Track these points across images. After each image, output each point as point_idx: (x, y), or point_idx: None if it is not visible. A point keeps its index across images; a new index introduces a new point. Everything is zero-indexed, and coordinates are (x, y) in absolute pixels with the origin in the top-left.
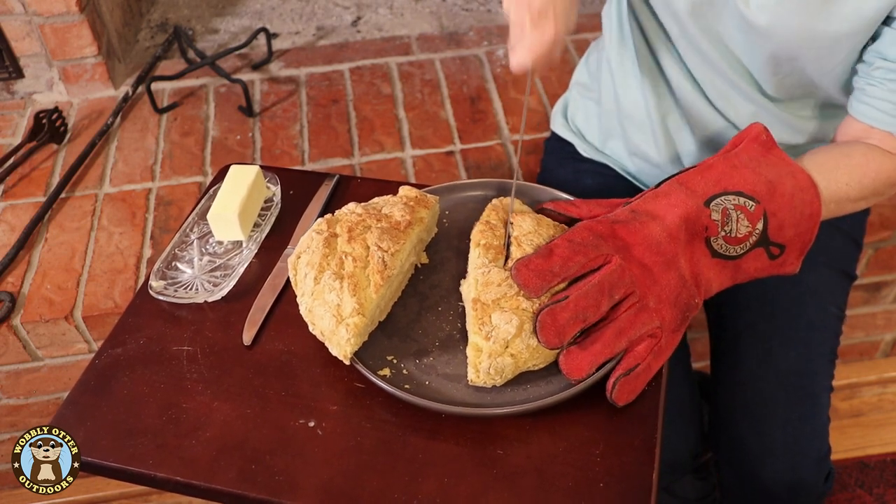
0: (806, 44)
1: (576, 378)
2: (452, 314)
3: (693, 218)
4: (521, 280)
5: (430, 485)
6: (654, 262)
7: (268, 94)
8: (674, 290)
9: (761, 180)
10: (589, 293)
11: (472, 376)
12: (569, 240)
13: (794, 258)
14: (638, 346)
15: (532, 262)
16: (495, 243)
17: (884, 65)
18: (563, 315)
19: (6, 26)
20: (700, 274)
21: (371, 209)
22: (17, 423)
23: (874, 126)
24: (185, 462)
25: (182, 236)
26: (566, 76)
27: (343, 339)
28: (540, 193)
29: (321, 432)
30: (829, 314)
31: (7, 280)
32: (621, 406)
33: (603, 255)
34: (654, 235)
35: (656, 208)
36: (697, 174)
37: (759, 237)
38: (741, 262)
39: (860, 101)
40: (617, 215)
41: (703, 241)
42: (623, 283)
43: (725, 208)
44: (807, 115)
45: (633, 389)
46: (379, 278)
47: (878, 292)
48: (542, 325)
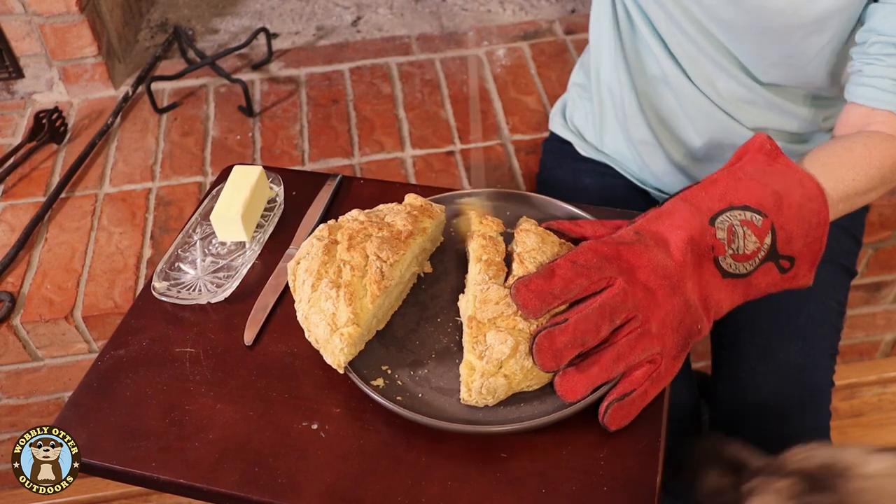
0: (794, 21)
1: (570, 400)
2: (451, 326)
3: (698, 239)
4: (521, 300)
5: (433, 489)
6: (659, 285)
7: (268, 94)
8: (677, 316)
9: (768, 192)
10: (589, 317)
11: (464, 395)
12: (572, 261)
13: (805, 270)
14: (636, 371)
15: (533, 282)
16: (497, 259)
17: (879, 39)
18: (562, 339)
19: (6, 26)
20: (710, 296)
21: (374, 217)
22: (17, 423)
23: (875, 107)
24: (187, 464)
25: (185, 237)
26: (565, 76)
27: (337, 348)
28: (547, 206)
29: (324, 435)
30: (829, 309)
31: (7, 280)
32: (613, 431)
33: (606, 277)
34: (659, 259)
35: (661, 229)
36: (701, 190)
37: (768, 252)
38: (751, 279)
39: (858, 83)
40: (622, 236)
41: (712, 262)
42: (625, 307)
43: (731, 225)
44: (799, 101)
45: (627, 415)
46: (376, 288)
47: (878, 292)
48: (538, 348)
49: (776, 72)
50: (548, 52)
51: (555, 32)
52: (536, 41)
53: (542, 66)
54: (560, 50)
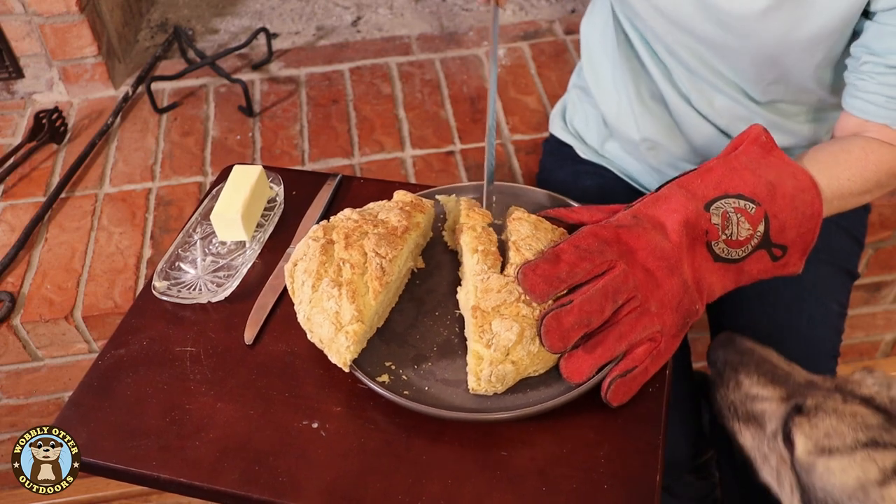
0: (786, 43)
1: (576, 381)
2: (450, 319)
3: (693, 222)
4: (528, 285)
5: (433, 487)
6: (658, 266)
7: (268, 94)
8: (676, 296)
9: (762, 182)
10: (593, 298)
11: (472, 384)
12: (575, 245)
13: (796, 259)
14: (637, 349)
15: (539, 267)
16: (492, 249)
17: (871, 59)
18: (568, 319)
19: (6, 26)
20: (702, 279)
21: (367, 215)
22: (17, 423)
23: (868, 120)
24: (188, 463)
25: (185, 236)
26: (565, 76)
27: (342, 346)
28: (529, 194)
29: (324, 434)
30: (830, 311)
31: (7, 280)
32: (615, 407)
33: (608, 260)
34: (657, 241)
35: (657, 213)
36: (697, 177)
37: (761, 239)
38: (743, 265)
39: (853, 95)
40: (620, 220)
41: (704, 246)
42: (626, 287)
43: (725, 212)
44: (797, 117)
45: (629, 391)
46: (377, 285)
47: (878, 292)
48: (546, 330)
49: (774, 90)
50: (548, 52)
51: (555, 32)
52: (536, 41)
53: (542, 66)
54: (560, 50)
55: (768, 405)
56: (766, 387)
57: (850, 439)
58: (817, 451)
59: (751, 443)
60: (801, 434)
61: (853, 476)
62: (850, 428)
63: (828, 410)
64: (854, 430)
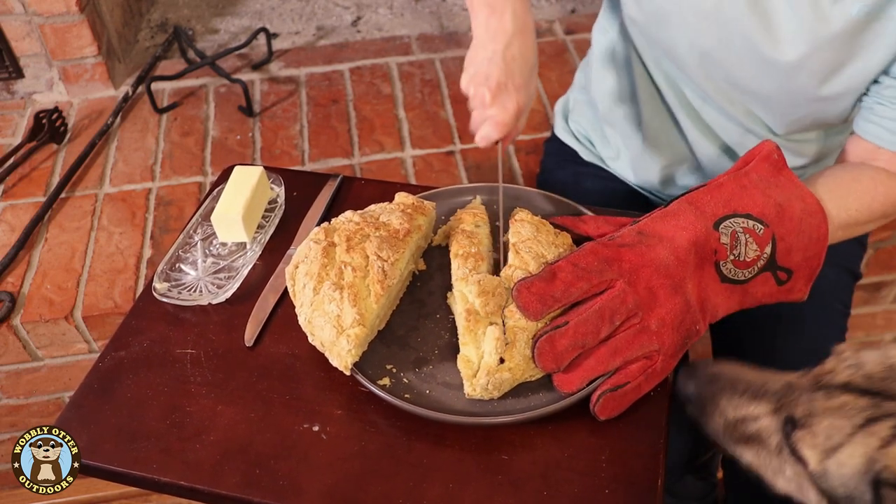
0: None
1: (566, 391)
2: (451, 321)
3: (702, 241)
4: (522, 303)
5: (434, 490)
6: (661, 285)
7: (268, 94)
8: (678, 315)
9: (770, 203)
10: (589, 320)
11: (468, 390)
12: (573, 263)
13: (801, 284)
14: (632, 365)
15: (534, 284)
16: (472, 251)
17: (894, 83)
18: (562, 342)
19: (6, 26)
20: (707, 299)
21: (368, 217)
22: (17, 423)
23: (880, 146)
24: (188, 466)
25: (185, 237)
26: (566, 76)
27: (344, 349)
28: (533, 198)
29: (325, 436)
30: (833, 311)
31: (7, 280)
32: (602, 420)
33: (606, 280)
34: (662, 258)
35: (665, 230)
36: (707, 194)
37: (767, 261)
38: (749, 287)
39: (867, 119)
40: (623, 237)
41: (713, 266)
42: (625, 308)
43: (734, 231)
44: (809, 140)
45: (618, 406)
46: (379, 288)
47: (878, 292)
48: (540, 352)
49: (797, 126)
50: (548, 52)
51: (555, 32)
52: (536, 41)
53: (542, 65)
54: (560, 50)
55: (762, 423)
56: (749, 405)
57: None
58: (826, 455)
59: (756, 461)
60: (806, 448)
61: (859, 455)
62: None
63: (819, 413)
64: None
